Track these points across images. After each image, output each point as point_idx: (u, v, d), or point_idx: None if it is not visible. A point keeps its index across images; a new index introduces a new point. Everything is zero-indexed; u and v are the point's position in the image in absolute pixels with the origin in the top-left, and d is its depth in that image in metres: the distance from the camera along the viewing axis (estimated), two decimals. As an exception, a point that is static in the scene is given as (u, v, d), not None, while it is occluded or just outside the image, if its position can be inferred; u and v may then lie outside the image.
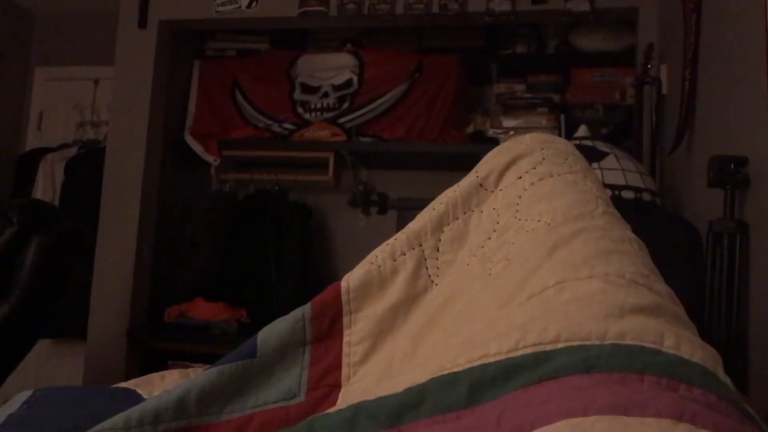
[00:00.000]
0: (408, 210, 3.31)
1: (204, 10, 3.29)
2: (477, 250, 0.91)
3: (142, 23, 3.33)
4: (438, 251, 0.93)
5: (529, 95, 3.27)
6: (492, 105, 3.44)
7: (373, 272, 0.91)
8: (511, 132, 3.17)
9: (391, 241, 0.94)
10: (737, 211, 1.49)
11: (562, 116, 3.15)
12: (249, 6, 3.25)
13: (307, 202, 3.53)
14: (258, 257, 3.29)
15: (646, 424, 0.48)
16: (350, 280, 0.91)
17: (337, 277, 0.95)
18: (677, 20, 2.28)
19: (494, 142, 2.96)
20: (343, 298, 0.90)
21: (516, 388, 0.59)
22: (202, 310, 3.10)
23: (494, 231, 0.91)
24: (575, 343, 0.61)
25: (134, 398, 1.03)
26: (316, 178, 3.43)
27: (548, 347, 0.62)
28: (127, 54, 3.34)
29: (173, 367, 2.98)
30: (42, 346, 3.66)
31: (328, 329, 0.89)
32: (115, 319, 3.16)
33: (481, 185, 0.96)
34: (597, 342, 0.61)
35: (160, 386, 1.14)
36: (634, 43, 2.97)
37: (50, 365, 3.81)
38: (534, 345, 0.62)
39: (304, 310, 0.90)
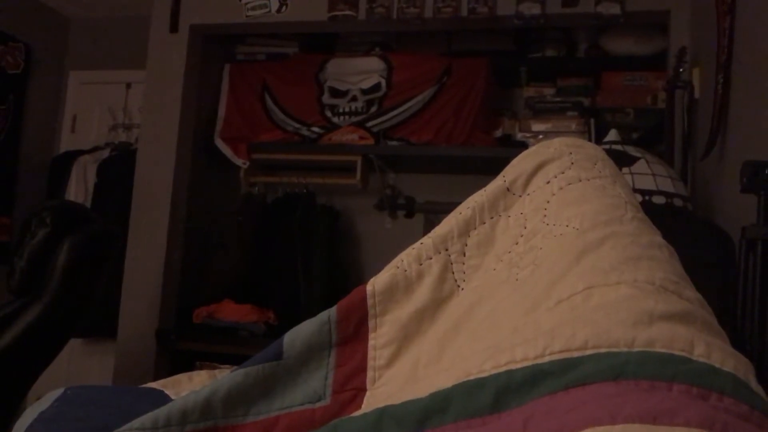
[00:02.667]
0: (435, 214, 3.31)
1: (234, 15, 3.32)
2: (504, 255, 0.90)
3: (174, 28, 3.37)
4: (464, 255, 0.92)
5: (558, 99, 3.24)
6: (521, 109, 3.43)
7: (399, 276, 0.91)
8: (540, 136, 3.15)
9: (417, 245, 0.93)
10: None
11: (592, 120, 3.13)
12: (278, 10, 3.27)
13: (335, 206, 3.54)
14: (286, 260, 3.30)
15: None
16: (376, 284, 0.91)
17: (364, 280, 0.95)
18: (710, 23, 2.25)
19: (523, 146, 2.94)
20: (369, 301, 0.90)
21: (542, 395, 0.58)
22: (230, 312, 3.13)
23: (521, 236, 0.90)
24: (603, 350, 0.60)
25: (162, 398, 1.04)
26: (343, 181, 3.44)
27: (575, 354, 0.61)
28: (158, 58, 3.38)
29: (201, 367, 3.01)
30: (73, 345, 3.72)
31: (354, 332, 0.89)
32: (144, 320, 3.20)
33: (508, 189, 0.95)
34: (625, 349, 0.60)
35: (188, 387, 1.15)
36: (665, 47, 2.93)
37: (81, 364, 3.87)
38: (561, 351, 0.62)
39: (330, 313, 0.90)
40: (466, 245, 0.92)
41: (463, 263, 0.91)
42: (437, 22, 3.13)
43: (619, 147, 2.08)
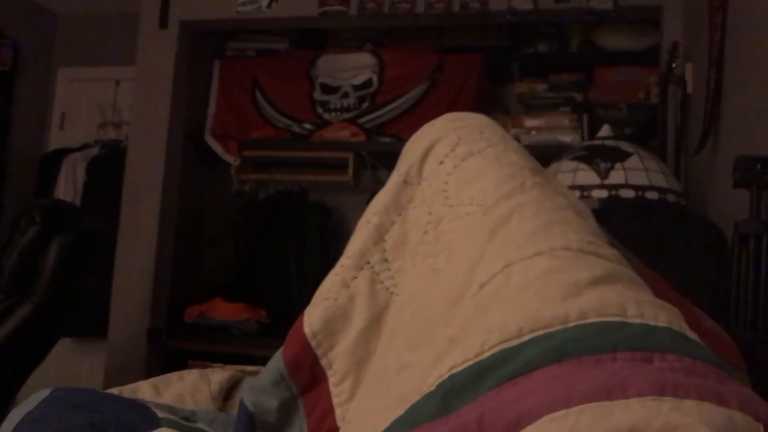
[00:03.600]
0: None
1: (224, 10, 3.30)
2: (418, 248, 0.88)
3: (163, 24, 3.35)
4: (387, 262, 0.90)
5: (551, 95, 3.23)
6: (514, 105, 3.42)
7: (331, 307, 0.89)
8: (533, 132, 3.14)
9: (337, 269, 0.91)
10: (764, 212, 1.46)
11: (585, 116, 3.12)
12: (269, 6, 3.25)
13: (327, 203, 3.53)
14: (278, 258, 3.29)
15: (631, 407, 0.47)
16: (312, 324, 0.88)
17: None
18: (702, 18, 2.24)
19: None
20: (312, 343, 0.87)
21: (489, 389, 0.57)
22: (222, 310, 3.11)
23: (429, 223, 0.88)
24: (540, 333, 0.59)
25: (149, 417, 1.01)
26: (335, 178, 3.42)
27: (513, 342, 0.60)
28: (148, 54, 3.36)
29: (193, 366, 2.99)
30: (63, 344, 3.69)
31: (310, 378, 0.87)
32: (135, 319, 3.18)
33: (405, 182, 0.93)
34: (561, 327, 0.59)
35: (179, 386, 1.14)
36: (658, 42, 2.93)
37: (71, 364, 3.84)
38: (499, 344, 0.61)
39: (280, 368, 0.87)
40: (385, 251, 0.90)
41: (389, 270, 0.89)
42: (429, 18, 3.12)
43: (612, 142, 2.07)
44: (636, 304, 0.60)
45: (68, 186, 3.81)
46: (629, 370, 0.52)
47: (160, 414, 1.00)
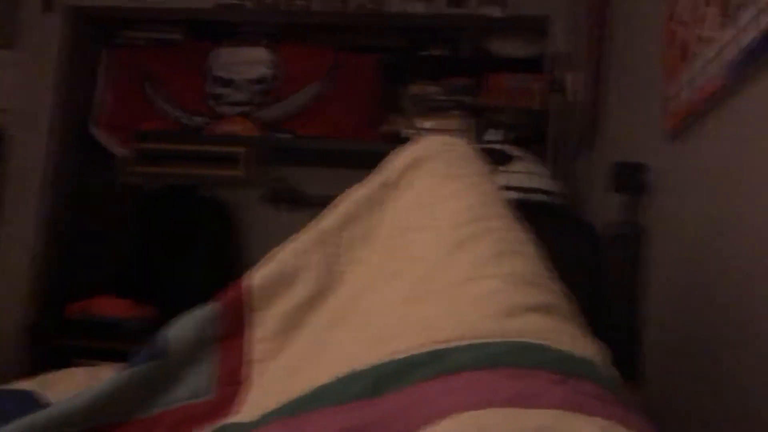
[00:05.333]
0: (323, 207, 3.31)
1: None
2: (382, 248, 0.93)
3: (47, 6, 3.19)
4: (344, 249, 0.94)
5: (443, 97, 3.33)
6: (408, 106, 3.48)
7: (278, 270, 0.92)
8: (425, 133, 3.22)
9: (297, 238, 0.94)
10: (636, 215, 1.57)
11: (474, 120, 3.22)
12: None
13: (220, 198, 3.47)
14: (167, 253, 3.21)
15: (542, 414, 0.52)
16: (254, 278, 0.91)
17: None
18: (585, 30, 2.38)
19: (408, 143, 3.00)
20: (245, 297, 0.90)
21: (415, 382, 0.61)
22: (106, 307, 3.01)
23: (398, 229, 0.93)
24: (476, 341, 0.65)
25: (29, 400, 0.99)
26: (228, 173, 3.37)
27: (452, 344, 0.65)
28: (30, 38, 3.20)
29: (79, 365, 2.87)
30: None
31: (234, 327, 0.89)
32: (12, 315, 3.02)
33: (386, 184, 0.98)
34: (495, 340, 0.65)
35: (68, 384, 1.11)
36: (545, 51, 3.07)
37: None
38: (434, 342, 0.65)
39: (211, 308, 0.90)
40: (346, 239, 0.94)
41: (344, 255, 0.93)
42: (324, 15, 3.14)
43: (498, 146, 2.17)
44: (568, 335, 0.67)
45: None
46: (546, 386, 0.57)
47: (48, 396, 0.99)
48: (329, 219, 0.97)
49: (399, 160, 1.00)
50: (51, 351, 3.02)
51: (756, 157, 1.01)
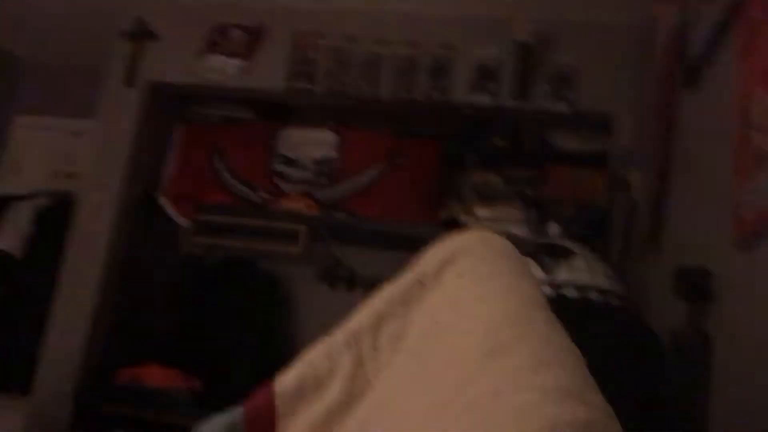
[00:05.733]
0: (377, 288, 3.29)
1: (192, 75, 3.33)
2: (415, 350, 0.89)
3: (130, 82, 3.36)
4: (376, 350, 0.90)
5: (504, 187, 3.32)
6: (468, 193, 3.48)
7: (309, 374, 0.89)
8: (485, 222, 3.20)
9: (327, 339, 0.92)
10: (700, 323, 1.51)
11: (534, 210, 3.20)
12: (236, 76, 3.30)
13: (277, 274, 3.50)
14: (219, 326, 3.23)
15: None
16: (284, 383, 0.88)
17: (299, 353, 0.93)
18: (651, 129, 2.36)
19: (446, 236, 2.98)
20: (277, 401, 0.87)
21: None
22: (156, 376, 3.01)
23: (432, 330, 0.89)
24: None
25: None
26: (286, 249, 3.41)
27: None
28: (111, 110, 3.36)
29: (119, 433, 2.87)
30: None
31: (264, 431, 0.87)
32: (62, 377, 3.05)
33: (420, 281, 0.95)
34: None
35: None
36: (609, 147, 3.05)
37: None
38: None
39: (238, 415, 0.87)
40: (378, 339, 0.91)
41: (375, 358, 0.89)
42: (391, 103, 3.21)
43: (558, 240, 2.13)
44: None
45: (11, 234, 3.70)
46: None
47: None
48: (360, 318, 0.94)
49: (434, 255, 0.97)
50: (94, 417, 3.02)
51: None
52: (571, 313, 0.91)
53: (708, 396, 1.42)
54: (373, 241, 3.46)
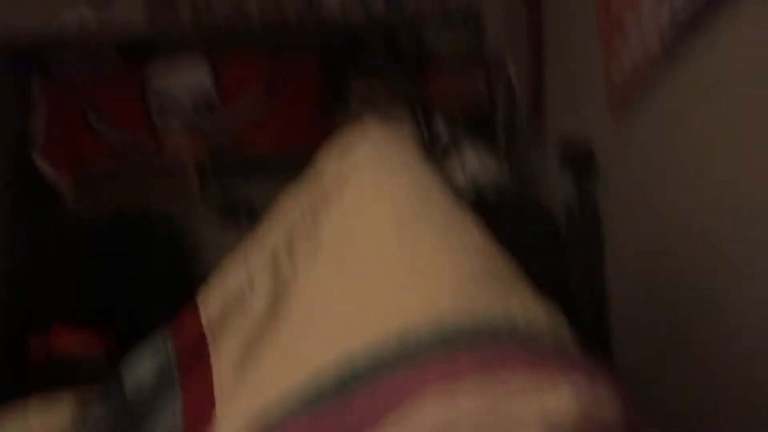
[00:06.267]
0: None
1: (42, 23, 3.09)
2: (331, 255, 0.91)
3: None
4: (295, 265, 0.92)
5: (387, 93, 3.31)
6: (352, 103, 3.46)
7: (231, 297, 0.90)
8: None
9: (244, 261, 0.92)
10: (589, 196, 1.58)
11: (419, 111, 3.21)
12: (92, 18, 3.09)
13: (174, 218, 3.41)
14: (124, 280, 3.15)
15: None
16: (209, 309, 0.88)
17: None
18: (521, 17, 2.39)
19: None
20: (205, 329, 0.88)
21: (380, 375, 0.61)
22: (68, 341, 2.92)
23: (344, 235, 0.92)
24: (432, 324, 0.64)
25: None
26: (180, 191, 3.31)
27: (409, 332, 0.64)
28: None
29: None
30: None
31: (196, 363, 0.87)
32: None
33: (324, 195, 0.96)
34: (451, 320, 0.64)
35: (29, 416, 1.07)
36: (483, 42, 3.09)
37: None
38: (396, 331, 0.65)
39: (167, 348, 0.86)
40: (295, 256, 0.92)
41: (296, 273, 0.91)
42: (264, 27, 3.12)
43: (446, 136, 2.17)
44: (521, 303, 0.68)
45: None
46: (510, 359, 0.58)
47: None
48: (274, 237, 0.94)
49: (331, 163, 0.98)
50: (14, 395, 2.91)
51: (694, 128, 1.02)
52: (473, 207, 0.94)
53: (603, 269, 1.51)
54: (267, 169, 3.41)
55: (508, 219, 1.63)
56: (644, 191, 1.29)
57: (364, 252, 0.85)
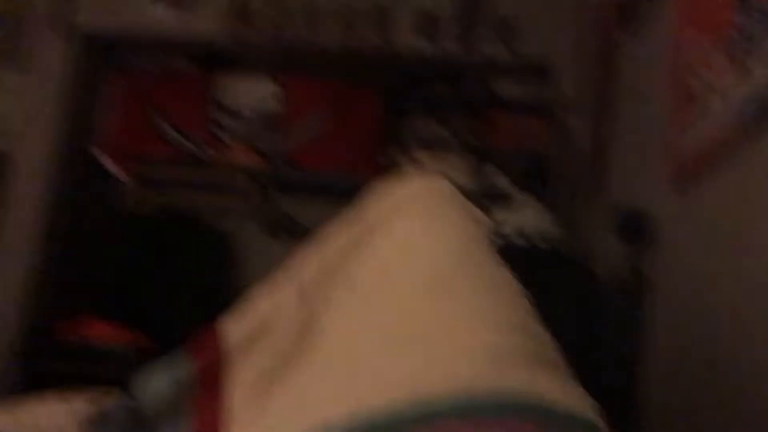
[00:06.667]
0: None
1: (126, 21, 3.19)
2: (363, 298, 0.90)
3: (56, 29, 3.20)
4: (325, 297, 0.91)
5: (446, 135, 3.32)
6: (410, 140, 3.47)
7: (257, 323, 0.89)
8: (423, 167, 3.20)
9: (274, 288, 0.91)
10: (639, 264, 1.54)
11: (477, 158, 3.21)
12: (172, 23, 3.18)
13: (221, 227, 3.45)
14: (164, 281, 3.18)
15: None
16: (232, 333, 0.88)
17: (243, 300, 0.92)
18: (591, 75, 2.37)
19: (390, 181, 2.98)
20: (226, 352, 0.87)
21: None
22: (99, 331, 2.96)
23: (378, 277, 0.90)
24: (458, 392, 0.62)
25: None
26: (230, 203, 3.36)
27: (431, 397, 0.62)
28: (38, 59, 3.20)
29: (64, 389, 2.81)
30: None
31: (212, 385, 0.86)
32: (3, 337, 2.97)
33: (367, 228, 0.95)
34: (477, 391, 0.62)
35: (38, 411, 1.07)
36: (551, 94, 3.07)
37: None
38: (417, 395, 0.63)
39: (185, 366, 0.86)
40: (327, 287, 0.91)
41: (325, 305, 0.90)
42: (332, 50, 3.15)
43: (500, 187, 2.15)
44: (558, 389, 0.65)
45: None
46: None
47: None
48: (308, 266, 0.93)
49: (380, 202, 0.97)
50: (43, 377, 2.96)
51: (764, 213, 0.98)
52: (518, 260, 0.92)
53: (640, 336, 1.46)
54: (316, 192, 3.44)
55: (552, 273, 1.60)
56: (702, 267, 1.24)
57: (395, 302, 0.83)
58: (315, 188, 3.37)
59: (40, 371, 2.96)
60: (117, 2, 3.20)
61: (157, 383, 0.87)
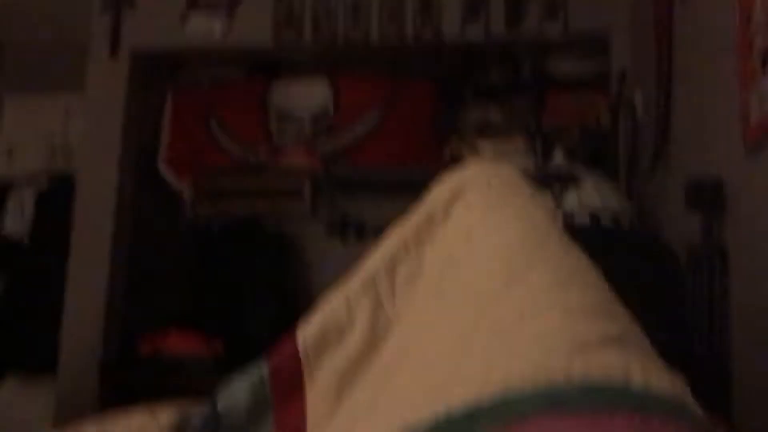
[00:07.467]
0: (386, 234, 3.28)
1: (177, 39, 3.26)
2: (432, 287, 0.88)
3: (114, 51, 3.29)
4: (394, 292, 0.90)
5: (504, 120, 3.27)
6: (468, 129, 3.43)
7: (329, 323, 0.88)
8: (488, 156, 3.16)
9: (343, 287, 0.91)
10: (716, 234, 1.48)
11: (538, 140, 3.15)
12: (223, 35, 3.22)
13: (284, 231, 3.48)
14: (232, 288, 3.23)
15: None
16: (306, 336, 0.88)
17: (315, 306, 0.92)
18: (649, 44, 2.29)
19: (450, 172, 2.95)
20: (302, 355, 0.86)
21: None
22: (177, 343, 3.03)
23: (448, 265, 0.88)
24: (542, 383, 0.59)
25: None
26: (292, 205, 3.39)
27: (511, 389, 0.60)
28: (98, 82, 3.30)
29: (145, 403, 2.89)
30: (9, 383, 3.56)
31: (290, 389, 0.86)
32: (86, 353, 3.08)
33: (429, 218, 0.93)
34: (563, 380, 0.59)
35: (125, 425, 1.09)
36: (608, 68, 2.98)
37: (19, 403, 3.69)
38: (496, 387, 0.60)
39: (262, 373, 0.86)
40: (395, 281, 0.90)
41: (394, 300, 0.89)
42: (383, 48, 3.14)
43: (565, 167, 2.10)
44: (641, 370, 0.60)
45: (16, 220, 3.69)
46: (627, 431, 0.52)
47: None
48: (375, 262, 0.92)
49: (441, 191, 0.95)
50: (121, 388, 3.06)
51: None
52: (585, 239, 0.89)
53: (728, 309, 1.40)
54: (378, 189, 3.43)
55: (627, 252, 1.55)
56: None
57: (467, 289, 0.81)
58: (378, 186, 3.37)
59: (123, 383, 3.05)
60: (168, 21, 3.26)
61: (238, 392, 0.87)
